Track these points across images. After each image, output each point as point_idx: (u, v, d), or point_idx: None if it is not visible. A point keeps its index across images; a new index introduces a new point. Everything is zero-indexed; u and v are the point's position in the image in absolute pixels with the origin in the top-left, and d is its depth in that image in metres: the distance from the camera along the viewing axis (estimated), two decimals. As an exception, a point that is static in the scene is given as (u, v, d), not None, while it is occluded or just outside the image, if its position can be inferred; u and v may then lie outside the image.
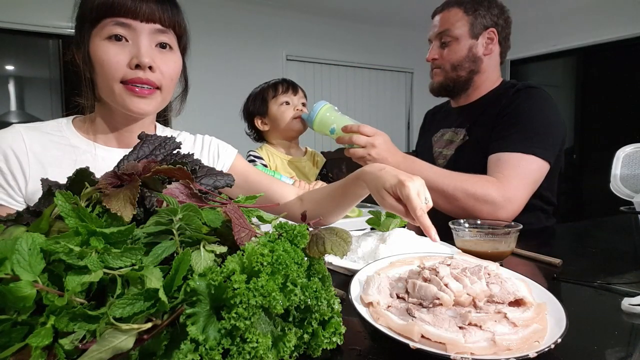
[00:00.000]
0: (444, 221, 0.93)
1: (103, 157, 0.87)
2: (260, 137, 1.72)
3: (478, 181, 1.12)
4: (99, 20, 0.80)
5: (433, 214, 1.31)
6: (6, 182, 0.81)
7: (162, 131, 1.01)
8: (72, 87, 0.90)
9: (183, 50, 0.92)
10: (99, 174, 0.50)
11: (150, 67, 0.81)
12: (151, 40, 0.82)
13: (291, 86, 1.65)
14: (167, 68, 0.84)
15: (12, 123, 0.89)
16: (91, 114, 0.92)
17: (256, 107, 1.65)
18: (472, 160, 1.28)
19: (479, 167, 1.23)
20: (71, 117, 0.93)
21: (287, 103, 1.61)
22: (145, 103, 0.83)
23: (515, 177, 1.13)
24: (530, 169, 1.15)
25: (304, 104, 1.65)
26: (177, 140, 0.60)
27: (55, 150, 0.85)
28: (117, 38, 0.80)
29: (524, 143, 1.15)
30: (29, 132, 0.85)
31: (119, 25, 0.79)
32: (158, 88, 0.84)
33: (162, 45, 0.84)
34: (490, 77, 1.36)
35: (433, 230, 0.70)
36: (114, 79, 0.80)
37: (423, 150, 1.54)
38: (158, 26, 0.82)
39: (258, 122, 1.66)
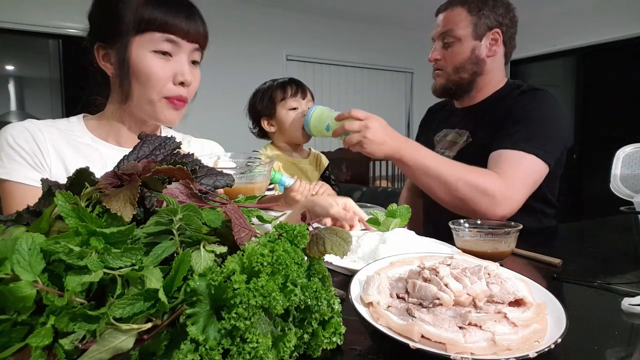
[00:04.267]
0: (444, 221, 0.92)
1: (113, 156, 0.88)
2: (264, 135, 1.71)
3: (481, 174, 1.10)
4: (146, 31, 0.81)
5: (433, 213, 1.30)
6: (39, 163, 0.83)
7: (166, 134, 1.03)
8: (72, 87, 0.93)
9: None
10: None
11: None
12: (189, 58, 0.87)
13: (300, 89, 1.62)
14: (195, 82, 0.89)
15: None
16: (101, 113, 0.92)
17: (263, 107, 1.62)
18: (475, 162, 1.27)
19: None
20: (81, 116, 0.94)
21: (295, 109, 1.58)
22: (176, 115, 0.88)
23: (516, 176, 1.11)
24: (531, 169, 1.14)
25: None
26: (184, 143, 0.61)
27: (69, 147, 0.87)
28: (164, 53, 0.83)
29: (526, 142, 1.14)
30: (46, 126, 0.87)
31: (168, 41, 0.83)
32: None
33: (194, 62, 0.89)
34: (494, 79, 1.33)
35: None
36: (157, 92, 0.84)
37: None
38: (197, 46, 0.87)
39: (264, 123, 1.64)
